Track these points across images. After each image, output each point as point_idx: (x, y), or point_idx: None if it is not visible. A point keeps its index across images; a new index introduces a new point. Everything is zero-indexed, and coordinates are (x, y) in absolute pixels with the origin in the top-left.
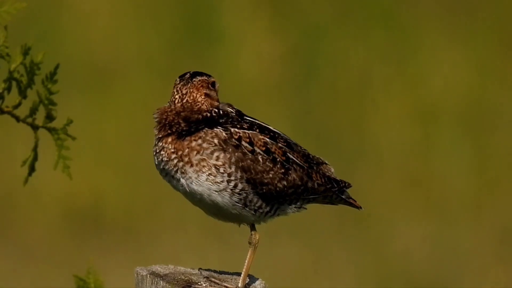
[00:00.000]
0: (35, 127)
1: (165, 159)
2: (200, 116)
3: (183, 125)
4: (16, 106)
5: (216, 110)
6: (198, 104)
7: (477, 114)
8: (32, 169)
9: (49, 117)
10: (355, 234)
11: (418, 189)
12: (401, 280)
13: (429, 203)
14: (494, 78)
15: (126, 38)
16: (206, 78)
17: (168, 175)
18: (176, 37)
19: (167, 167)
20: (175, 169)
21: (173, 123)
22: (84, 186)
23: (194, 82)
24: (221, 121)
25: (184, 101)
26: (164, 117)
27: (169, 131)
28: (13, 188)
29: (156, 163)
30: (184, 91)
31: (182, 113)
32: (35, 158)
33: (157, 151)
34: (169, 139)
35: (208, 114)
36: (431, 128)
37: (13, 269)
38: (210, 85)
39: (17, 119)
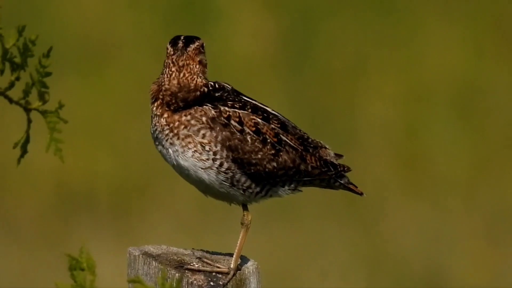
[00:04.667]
0: (27, 109)
1: (159, 129)
2: (198, 93)
3: (181, 104)
4: (9, 87)
5: (212, 83)
6: (194, 78)
7: (471, 95)
8: (24, 151)
9: (42, 100)
10: (347, 215)
11: (411, 170)
12: (393, 259)
13: (421, 184)
14: (489, 59)
15: (120, 17)
16: (198, 44)
17: (160, 144)
18: (170, 15)
19: (160, 136)
20: (166, 138)
21: (170, 103)
22: (76, 166)
23: (189, 52)
24: (216, 94)
25: (181, 75)
26: (161, 96)
27: (166, 109)
28: (5, 168)
29: (151, 131)
30: (181, 63)
31: (179, 94)
32: (27, 140)
33: (153, 123)
34: (165, 115)
35: (205, 89)
36: (424, 109)
37: (3, 249)
38: (201, 48)
39: (10, 100)
